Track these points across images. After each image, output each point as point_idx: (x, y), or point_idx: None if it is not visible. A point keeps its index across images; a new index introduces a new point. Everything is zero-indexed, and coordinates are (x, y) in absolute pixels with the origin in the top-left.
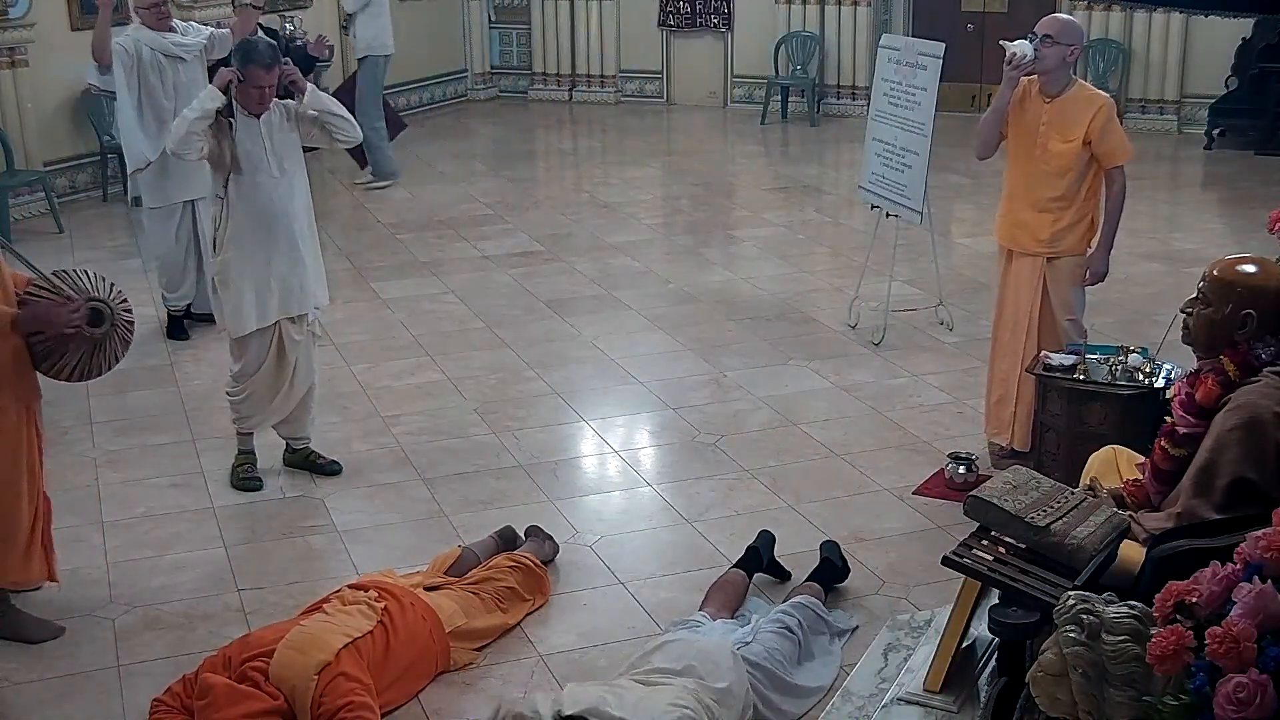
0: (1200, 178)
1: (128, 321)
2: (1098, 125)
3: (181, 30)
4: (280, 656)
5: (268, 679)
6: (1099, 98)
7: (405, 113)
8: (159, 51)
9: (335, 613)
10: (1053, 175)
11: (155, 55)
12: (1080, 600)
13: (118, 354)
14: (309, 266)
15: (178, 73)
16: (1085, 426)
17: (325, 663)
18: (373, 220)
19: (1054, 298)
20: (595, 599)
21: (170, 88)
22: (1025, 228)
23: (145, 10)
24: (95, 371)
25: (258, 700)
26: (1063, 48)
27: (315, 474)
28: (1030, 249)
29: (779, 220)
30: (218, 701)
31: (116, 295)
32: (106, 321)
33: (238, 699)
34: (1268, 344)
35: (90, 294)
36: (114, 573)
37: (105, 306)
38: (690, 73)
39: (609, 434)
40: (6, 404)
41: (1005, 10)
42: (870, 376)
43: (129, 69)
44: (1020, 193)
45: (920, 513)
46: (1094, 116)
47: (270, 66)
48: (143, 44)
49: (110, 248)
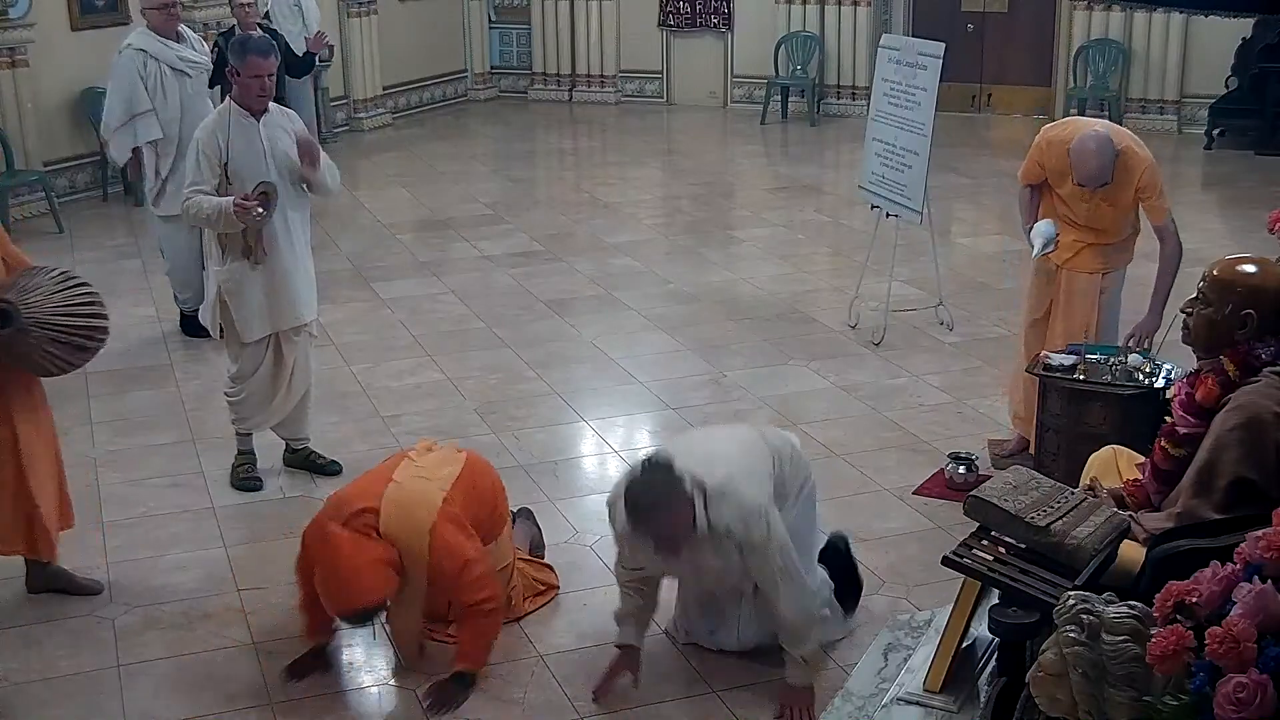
0: (1200, 178)
1: (66, 327)
2: (1144, 184)
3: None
4: (387, 512)
5: (379, 534)
6: (1140, 163)
7: (406, 113)
8: (165, 63)
9: (421, 458)
10: (1106, 227)
11: (160, 68)
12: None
13: (51, 353)
14: (308, 274)
15: (184, 86)
16: (1085, 426)
17: (432, 522)
18: (373, 220)
19: (1105, 312)
20: (595, 599)
21: (175, 103)
22: (1080, 254)
23: (154, 11)
24: (38, 369)
25: (381, 548)
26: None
27: (315, 474)
28: (1088, 268)
29: (779, 220)
30: (344, 549)
31: (65, 299)
32: (12, 324)
33: (363, 548)
34: (1268, 344)
35: (8, 295)
36: (114, 573)
37: (12, 309)
38: (690, 73)
39: (609, 434)
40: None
41: (1005, 10)
42: (870, 376)
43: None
44: (1072, 227)
45: (920, 513)
46: (1140, 178)
47: (267, 54)
48: (149, 56)
49: (110, 248)
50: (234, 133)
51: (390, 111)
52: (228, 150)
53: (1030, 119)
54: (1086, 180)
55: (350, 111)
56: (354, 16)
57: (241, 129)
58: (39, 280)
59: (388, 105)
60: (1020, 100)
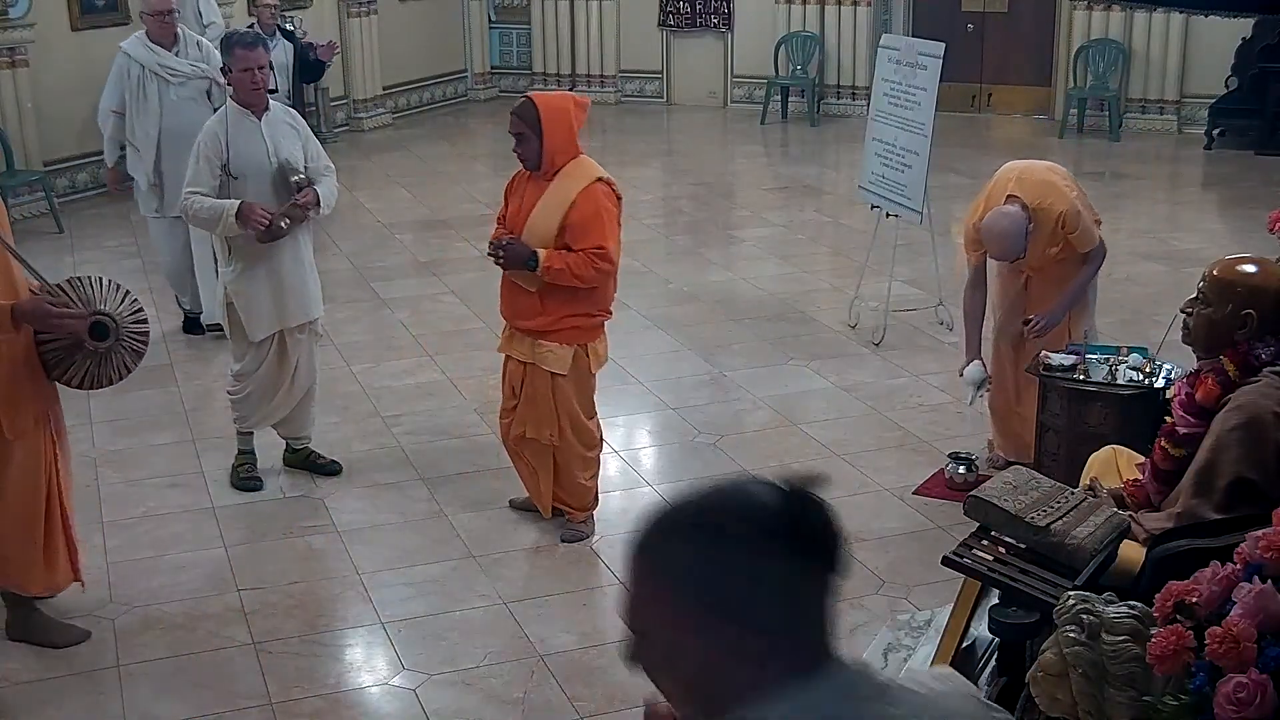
0: (1200, 178)
1: (137, 334)
2: (1068, 229)
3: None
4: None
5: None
6: (1052, 211)
7: (406, 113)
8: (149, 69)
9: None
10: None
11: (144, 73)
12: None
13: (127, 365)
14: (314, 270)
15: (165, 92)
16: (1085, 426)
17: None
18: (373, 220)
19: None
20: (595, 599)
21: (154, 108)
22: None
23: (151, 18)
24: (106, 381)
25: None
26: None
27: (315, 474)
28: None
29: (779, 220)
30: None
31: (128, 307)
32: (111, 336)
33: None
34: (1268, 344)
35: (96, 306)
36: (114, 573)
37: (110, 321)
38: (690, 73)
39: (609, 434)
40: (23, 407)
41: (1005, 10)
42: (870, 376)
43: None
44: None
45: (920, 513)
46: (1061, 225)
47: (254, 45)
48: (133, 61)
49: (110, 248)
50: (235, 132)
51: (390, 111)
52: (229, 150)
53: (1030, 119)
54: (999, 258)
55: (350, 111)
56: (354, 16)
57: (243, 128)
58: (101, 291)
59: (388, 105)
60: (1020, 100)
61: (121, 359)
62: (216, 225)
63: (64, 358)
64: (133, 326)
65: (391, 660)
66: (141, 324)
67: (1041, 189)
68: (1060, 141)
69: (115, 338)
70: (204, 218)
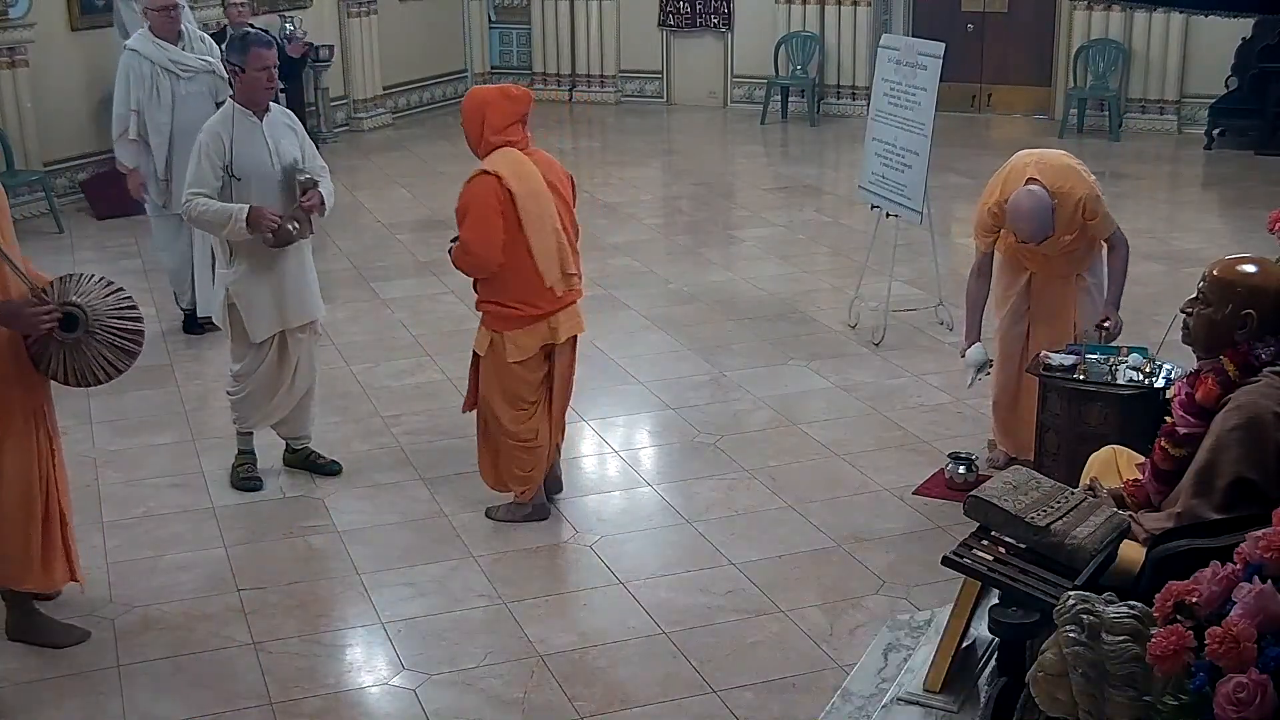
0: (1200, 178)
1: (120, 330)
2: (1088, 214)
3: (190, 39)
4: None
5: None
6: (1072, 201)
7: (406, 113)
8: (159, 65)
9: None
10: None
11: (155, 69)
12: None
13: (108, 358)
14: (312, 272)
15: (177, 87)
16: (1085, 426)
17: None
18: (373, 220)
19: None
20: (595, 599)
21: (168, 104)
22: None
23: (156, 13)
24: (90, 377)
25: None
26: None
27: (315, 474)
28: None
29: (779, 220)
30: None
31: (114, 301)
32: (80, 327)
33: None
34: (1268, 344)
35: (68, 299)
36: (114, 573)
37: (80, 312)
38: (690, 73)
39: (609, 434)
40: (12, 404)
41: (1005, 10)
42: (870, 376)
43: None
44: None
45: (920, 513)
46: (1080, 213)
47: (269, 44)
48: (142, 58)
49: (110, 248)
50: (238, 132)
51: (390, 111)
52: (232, 150)
53: (1030, 119)
54: (1028, 239)
55: (350, 111)
56: (354, 16)
57: (245, 128)
58: (83, 285)
59: (388, 105)
60: (1020, 100)
61: (97, 352)
62: (224, 229)
63: (42, 350)
64: (114, 322)
65: (391, 660)
66: (130, 320)
67: (1062, 173)
68: (1060, 141)
69: (84, 329)
70: (209, 220)
